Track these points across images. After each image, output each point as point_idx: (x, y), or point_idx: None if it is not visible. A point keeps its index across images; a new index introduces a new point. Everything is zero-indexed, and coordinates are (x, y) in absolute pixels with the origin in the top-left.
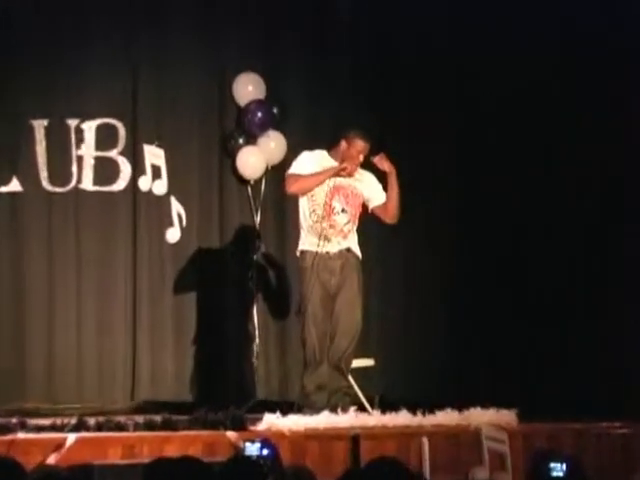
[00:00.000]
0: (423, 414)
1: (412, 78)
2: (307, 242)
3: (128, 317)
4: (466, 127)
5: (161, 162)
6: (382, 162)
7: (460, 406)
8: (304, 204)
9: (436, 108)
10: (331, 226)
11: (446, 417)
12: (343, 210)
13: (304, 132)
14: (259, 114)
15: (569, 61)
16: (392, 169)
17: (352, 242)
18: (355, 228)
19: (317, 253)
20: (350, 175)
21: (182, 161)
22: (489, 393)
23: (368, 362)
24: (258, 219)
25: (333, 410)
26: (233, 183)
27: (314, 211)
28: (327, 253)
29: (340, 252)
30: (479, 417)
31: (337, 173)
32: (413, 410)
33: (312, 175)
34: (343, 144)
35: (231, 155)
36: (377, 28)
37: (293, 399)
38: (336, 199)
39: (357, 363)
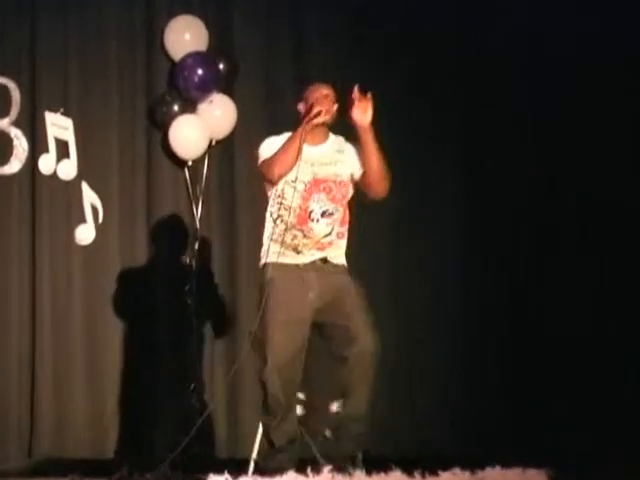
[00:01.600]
0: (422, 476)
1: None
2: (269, 252)
3: (24, 344)
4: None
5: (69, 136)
6: (362, 107)
7: (473, 464)
8: (271, 205)
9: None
10: (305, 235)
11: (454, 479)
12: (324, 213)
13: (260, 95)
14: (199, 72)
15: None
16: (367, 118)
17: (332, 254)
18: (343, 233)
19: (282, 264)
20: (327, 118)
21: (97, 135)
22: (511, 447)
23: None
24: (198, 213)
25: (301, 470)
26: (165, 164)
27: (280, 217)
28: (296, 265)
29: (314, 263)
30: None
31: (311, 123)
32: (409, 470)
33: (283, 144)
34: (301, 106)
35: (162, 127)
36: None
37: (246, 455)
38: (314, 199)
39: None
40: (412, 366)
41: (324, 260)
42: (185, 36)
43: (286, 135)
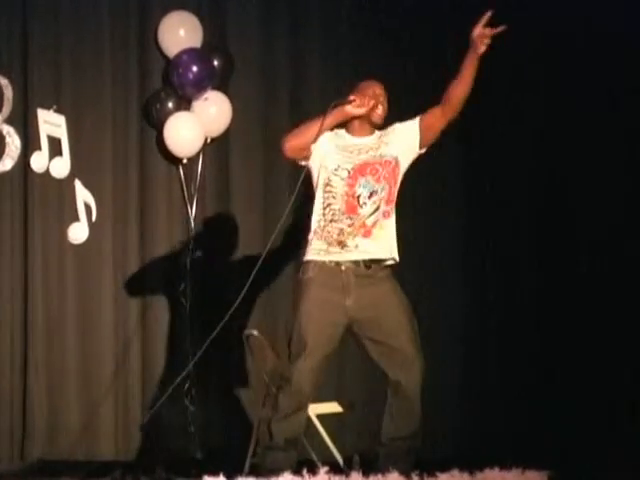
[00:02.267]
0: (421, 477)
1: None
2: (312, 249)
3: (16, 344)
4: None
5: (62, 133)
6: (485, 36)
7: (471, 466)
8: (318, 197)
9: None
10: (350, 224)
11: None
12: (371, 194)
13: (257, 93)
14: (194, 69)
15: None
16: (484, 45)
17: (379, 244)
18: (388, 212)
19: (323, 264)
20: (367, 110)
21: (90, 133)
22: (511, 448)
23: (334, 407)
24: (193, 212)
25: (297, 472)
26: (159, 162)
27: (329, 205)
28: (337, 265)
29: (356, 266)
30: None
31: (345, 111)
32: (405, 472)
33: (306, 122)
34: (352, 96)
35: (156, 125)
36: None
37: (241, 457)
38: (360, 184)
39: (321, 409)
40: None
41: (368, 265)
42: (179, 32)
43: (335, 133)
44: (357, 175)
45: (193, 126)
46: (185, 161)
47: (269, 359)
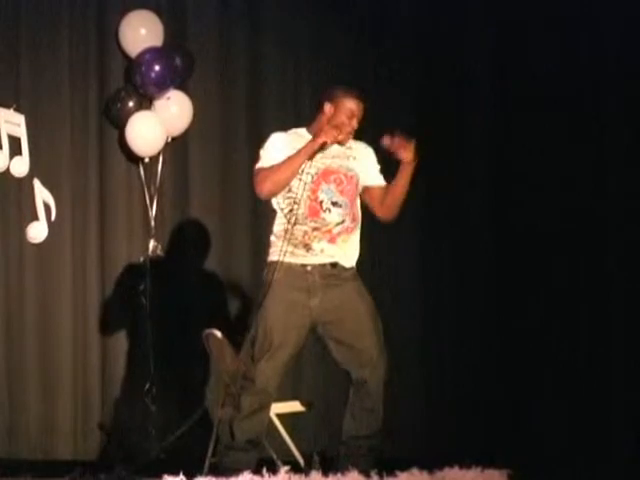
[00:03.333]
0: (380, 476)
1: None
2: (277, 250)
3: None
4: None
5: (21, 132)
6: (404, 148)
7: (431, 464)
8: (279, 200)
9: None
10: (315, 228)
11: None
12: (335, 204)
13: (218, 91)
14: (156, 67)
15: None
16: (413, 159)
17: (344, 251)
18: (353, 229)
19: (289, 265)
20: (340, 142)
21: (50, 131)
22: (470, 446)
23: (295, 407)
24: (153, 211)
25: (257, 471)
26: (120, 161)
27: (291, 210)
28: (303, 266)
29: (322, 267)
30: None
31: (314, 149)
32: (365, 471)
33: (282, 163)
34: (328, 108)
35: (117, 123)
36: None
37: (201, 457)
38: (322, 190)
39: (281, 408)
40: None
41: (334, 265)
42: (140, 31)
43: (293, 132)
44: (320, 180)
45: (155, 125)
46: (147, 160)
47: (229, 359)
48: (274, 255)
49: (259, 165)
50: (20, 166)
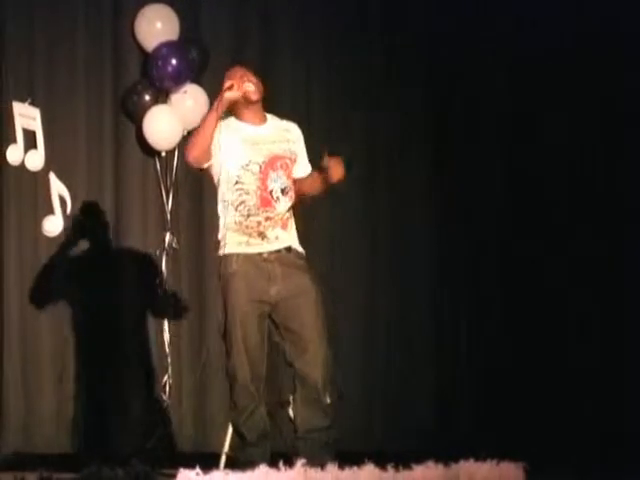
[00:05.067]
0: (396, 469)
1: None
2: (231, 242)
3: None
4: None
5: (36, 126)
6: (337, 170)
7: (447, 458)
8: (225, 192)
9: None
10: (268, 218)
11: (427, 473)
12: (284, 190)
13: None
14: (172, 61)
15: None
16: (341, 176)
17: (292, 235)
18: (292, 212)
19: (246, 255)
20: (249, 97)
21: (65, 125)
22: (486, 440)
23: None
24: (169, 205)
25: (274, 464)
26: (134, 155)
27: (243, 202)
28: (260, 255)
29: (278, 253)
30: (472, 473)
31: (223, 98)
32: (382, 464)
33: (198, 127)
34: (226, 84)
35: (133, 117)
36: None
37: (217, 449)
38: (272, 178)
39: None
40: (387, 364)
41: (289, 249)
42: (156, 25)
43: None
44: (268, 169)
45: (172, 119)
46: (163, 154)
47: None
48: (228, 247)
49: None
50: (35, 160)
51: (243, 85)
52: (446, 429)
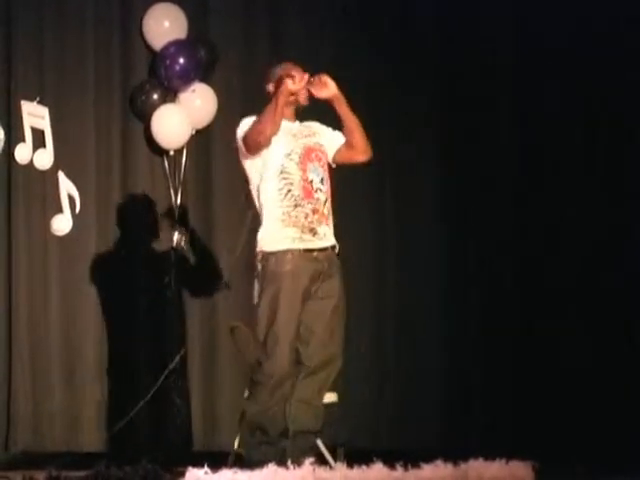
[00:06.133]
0: (405, 468)
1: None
2: (282, 237)
3: (0, 336)
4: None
5: (45, 125)
6: (321, 85)
7: (456, 457)
8: (269, 183)
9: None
10: (314, 210)
11: (436, 472)
12: (322, 181)
13: (242, 84)
14: (180, 60)
15: None
16: (336, 91)
17: (331, 232)
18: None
19: (299, 252)
20: (300, 87)
21: (74, 124)
22: (494, 439)
23: (330, 397)
24: (178, 203)
25: (282, 463)
26: (143, 154)
27: (289, 192)
28: (312, 252)
29: (326, 252)
30: (481, 472)
31: (287, 93)
32: (391, 463)
33: (261, 115)
34: (270, 87)
35: (141, 116)
36: None
37: (226, 447)
38: (310, 169)
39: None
40: (396, 360)
41: (333, 247)
42: (164, 24)
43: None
44: (306, 160)
45: (181, 118)
46: (171, 153)
47: (253, 352)
48: (281, 242)
49: (240, 136)
50: (44, 159)
51: (302, 81)
52: (455, 428)
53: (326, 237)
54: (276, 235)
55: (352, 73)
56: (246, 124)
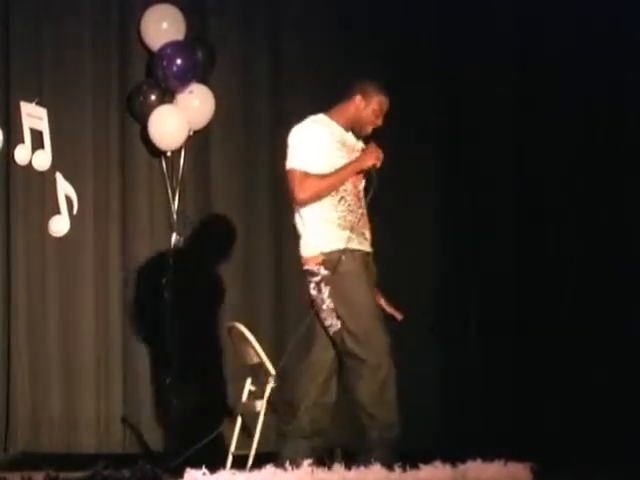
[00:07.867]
0: (403, 469)
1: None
2: (336, 238)
3: None
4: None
5: (43, 126)
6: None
7: (454, 458)
8: None
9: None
10: (362, 216)
11: (435, 473)
12: (366, 189)
13: (240, 85)
14: (178, 61)
15: None
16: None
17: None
18: None
19: (359, 253)
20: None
21: (72, 125)
22: (493, 440)
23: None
24: (175, 205)
25: (280, 464)
26: (141, 155)
27: (343, 198)
28: (368, 254)
29: (369, 256)
30: (480, 473)
31: (362, 168)
32: (388, 464)
33: (329, 178)
34: (358, 101)
35: (139, 117)
36: None
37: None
38: (359, 177)
39: None
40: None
41: (371, 253)
42: (162, 25)
43: (321, 119)
44: None
45: (178, 119)
46: (169, 154)
47: (250, 352)
48: (338, 242)
49: (297, 166)
50: (42, 160)
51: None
52: (453, 429)
53: (369, 243)
54: (336, 235)
55: (352, 73)
56: (304, 147)
